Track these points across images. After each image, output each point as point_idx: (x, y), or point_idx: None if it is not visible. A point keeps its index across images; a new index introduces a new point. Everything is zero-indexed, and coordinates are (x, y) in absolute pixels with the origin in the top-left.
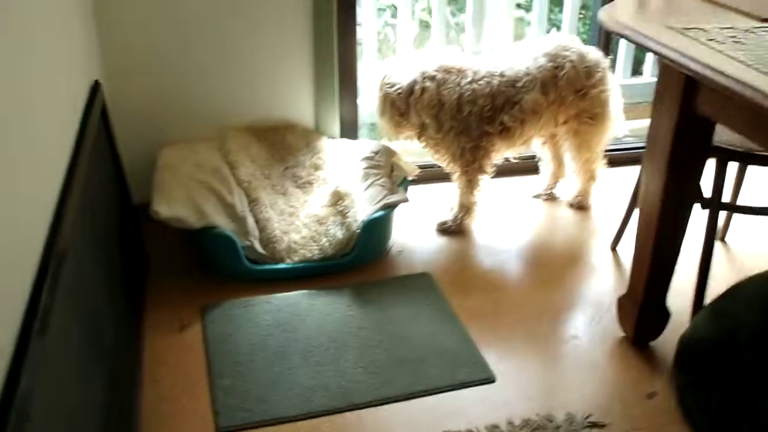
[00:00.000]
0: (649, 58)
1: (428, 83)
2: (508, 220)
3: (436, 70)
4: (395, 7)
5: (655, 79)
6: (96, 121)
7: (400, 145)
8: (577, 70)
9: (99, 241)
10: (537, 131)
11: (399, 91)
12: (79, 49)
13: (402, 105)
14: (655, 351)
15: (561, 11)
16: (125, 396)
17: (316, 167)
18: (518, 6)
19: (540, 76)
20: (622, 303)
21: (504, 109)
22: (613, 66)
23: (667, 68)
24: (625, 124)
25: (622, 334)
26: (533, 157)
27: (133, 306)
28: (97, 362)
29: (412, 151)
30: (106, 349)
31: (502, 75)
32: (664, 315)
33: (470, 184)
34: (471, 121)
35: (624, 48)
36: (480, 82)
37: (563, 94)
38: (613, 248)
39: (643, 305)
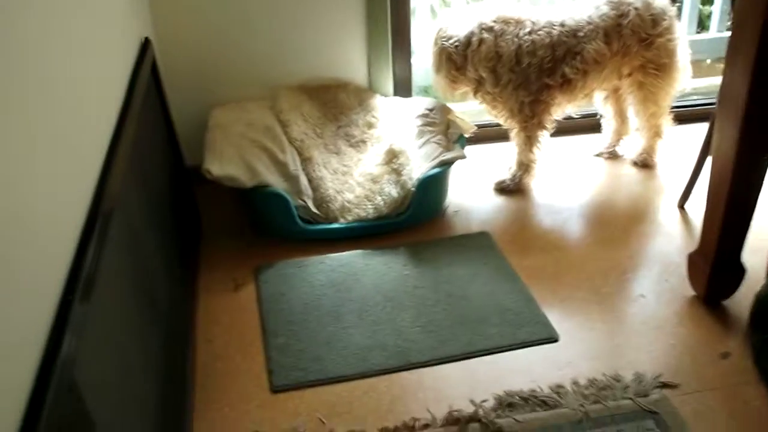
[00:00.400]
0: (716, 12)
1: (486, 35)
2: (569, 179)
3: (494, 21)
4: None
5: (721, 35)
6: (146, 78)
7: (456, 106)
8: (642, 18)
9: (151, 201)
10: (600, 83)
11: (456, 43)
12: (127, 6)
13: (459, 59)
14: (728, 310)
15: None
16: (180, 355)
17: (370, 125)
18: None
19: (603, 24)
20: (693, 260)
21: (565, 60)
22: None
23: (745, 3)
24: (690, 80)
25: (692, 293)
26: (594, 114)
27: (187, 267)
28: (151, 322)
29: (469, 111)
30: (160, 309)
31: (562, 25)
32: (738, 272)
33: (529, 141)
34: (530, 73)
35: (689, 1)
36: (539, 33)
37: (627, 43)
38: (681, 206)
39: (715, 262)
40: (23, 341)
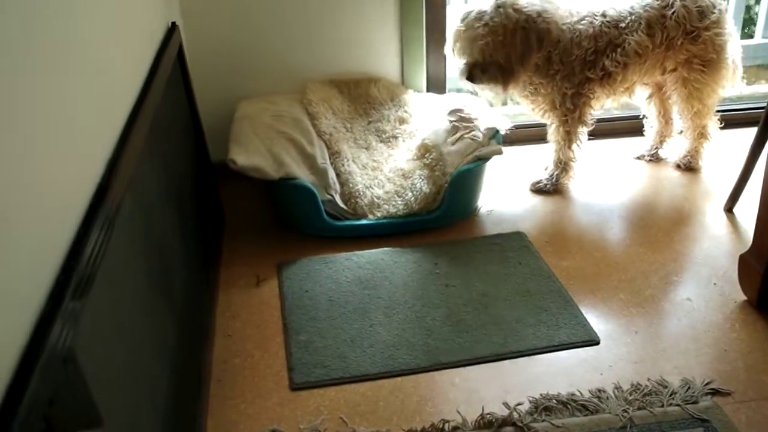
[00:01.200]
0: (762, 16)
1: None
2: (608, 181)
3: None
4: None
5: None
6: (170, 62)
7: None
8: (689, 10)
9: (172, 191)
10: (640, 77)
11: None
12: None
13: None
14: None
15: None
16: (196, 348)
17: (402, 120)
18: None
19: (646, 15)
20: (745, 261)
21: (605, 53)
22: None
23: None
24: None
25: (743, 297)
26: (635, 116)
27: (208, 260)
28: (166, 310)
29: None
30: (177, 299)
31: (603, 15)
32: None
33: (568, 137)
34: (575, 65)
35: (733, 6)
36: (583, 23)
37: (672, 35)
38: (728, 210)
39: None
40: (14, 308)
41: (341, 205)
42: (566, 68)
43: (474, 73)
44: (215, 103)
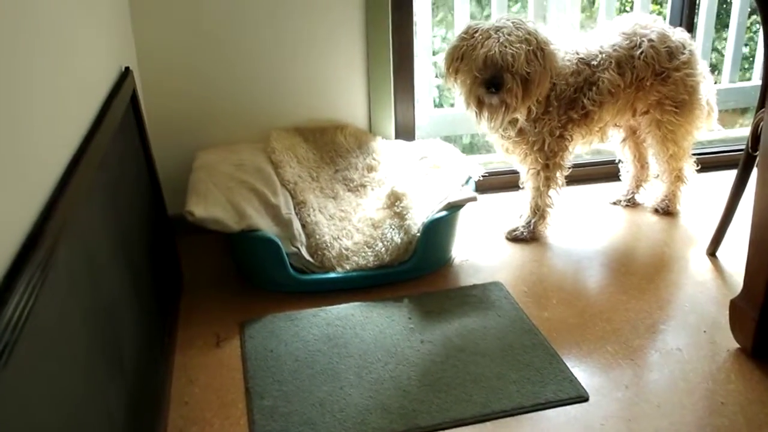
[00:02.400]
0: (728, 62)
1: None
2: (585, 227)
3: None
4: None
5: (734, 85)
6: (122, 106)
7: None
8: (657, 50)
9: (123, 243)
10: (612, 117)
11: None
12: (106, 34)
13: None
14: None
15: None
16: (149, 418)
17: (370, 168)
18: None
19: (615, 54)
20: (737, 307)
21: (583, 91)
22: None
23: None
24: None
25: (735, 345)
26: (610, 161)
27: (163, 320)
28: (112, 376)
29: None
30: (126, 364)
31: (576, 53)
32: None
33: (547, 182)
34: (563, 103)
35: (699, 50)
36: (567, 59)
37: (641, 75)
38: (711, 254)
39: (764, 308)
40: None
41: (307, 257)
42: (559, 105)
43: (505, 78)
44: (173, 152)
